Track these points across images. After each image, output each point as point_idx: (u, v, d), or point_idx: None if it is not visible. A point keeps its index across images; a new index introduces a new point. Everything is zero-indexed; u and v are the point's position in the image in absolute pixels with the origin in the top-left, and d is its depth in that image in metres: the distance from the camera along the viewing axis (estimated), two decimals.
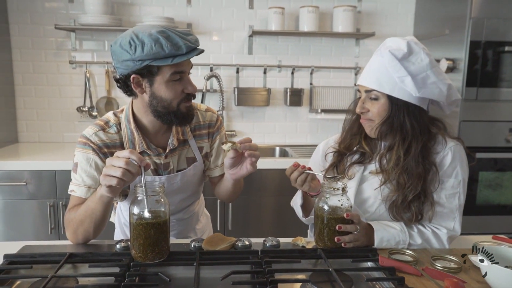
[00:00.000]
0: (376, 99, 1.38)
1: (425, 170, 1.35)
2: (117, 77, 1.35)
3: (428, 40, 3.15)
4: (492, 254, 1.04)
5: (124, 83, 1.35)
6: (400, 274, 1.15)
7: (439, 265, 1.20)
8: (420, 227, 1.38)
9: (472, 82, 2.74)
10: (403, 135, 1.37)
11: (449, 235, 1.37)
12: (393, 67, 1.32)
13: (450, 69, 2.82)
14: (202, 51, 1.33)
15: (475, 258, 1.06)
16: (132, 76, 1.30)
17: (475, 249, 1.05)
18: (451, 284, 1.05)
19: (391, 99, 1.35)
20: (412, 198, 1.34)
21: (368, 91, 1.39)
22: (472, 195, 2.86)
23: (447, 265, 1.21)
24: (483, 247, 1.06)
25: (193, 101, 1.56)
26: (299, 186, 1.36)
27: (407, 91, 1.32)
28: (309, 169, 1.33)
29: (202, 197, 1.80)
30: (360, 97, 1.44)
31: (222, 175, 1.62)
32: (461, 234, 1.43)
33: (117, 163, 1.13)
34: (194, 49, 1.30)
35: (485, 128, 2.82)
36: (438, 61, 2.92)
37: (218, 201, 2.72)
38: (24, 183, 2.58)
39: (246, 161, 1.39)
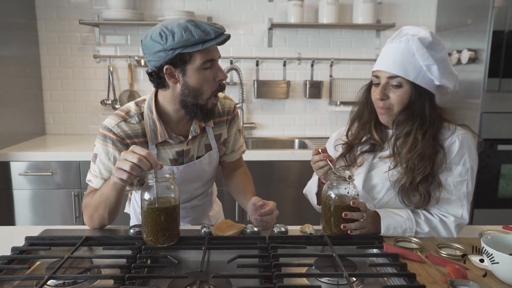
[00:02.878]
0: (399, 86, 1.38)
1: (435, 152, 1.37)
2: (149, 70, 1.38)
3: (450, 31, 3.10)
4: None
5: (157, 76, 1.37)
6: (403, 260, 1.16)
7: (444, 252, 1.21)
8: (428, 215, 1.38)
9: (495, 73, 2.68)
10: (422, 121, 1.38)
11: (457, 223, 1.36)
12: (421, 55, 1.34)
13: (472, 60, 2.78)
14: (229, 36, 1.35)
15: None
16: (165, 67, 1.33)
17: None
18: (453, 270, 1.06)
19: (415, 87, 1.37)
20: (420, 180, 1.35)
21: (391, 77, 1.38)
22: (494, 188, 2.81)
23: (452, 252, 1.21)
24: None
25: None
26: (315, 169, 1.39)
27: (430, 79, 1.36)
28: (331, 161, 1.35)
29: (215, 185, 1.85)
30: (368, 85, 1.46)
31: (238, 160, 1.71)
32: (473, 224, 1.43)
33: (130, 157, 1.18)
34: (222, 34, 1.33)
35: (508, 119, 2.76)
36: (459, 51, 2.87)
37: None
38: (50, 173, 2.69)
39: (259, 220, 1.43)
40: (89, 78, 3.32)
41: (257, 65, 3.34)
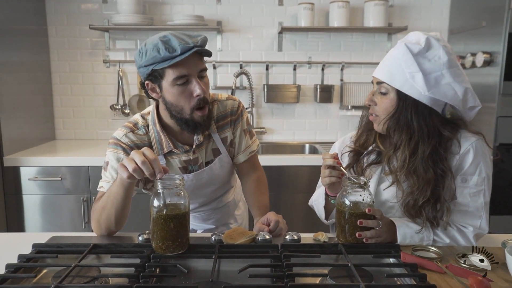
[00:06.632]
0: (385, 93, 1.33)
1: (436, 176, 1.29)
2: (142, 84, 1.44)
3: (464, 33, 3.04)
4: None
5: (145, 89, 1.43)
6: (422, 271, 1.11)
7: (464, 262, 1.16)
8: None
9: (511, 76, 2.62)
10: (410, 134, 1.31)
11: (476, 232, 1.31)
12: (405, 61, 1.26)
13: (487, 63, 2.71)
14: (204, 50, 1.34)
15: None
16: (146, 82, 1.38)
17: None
18: (476, 282, 1.01)
19: (400, 95, 1.30)
20: (423, 203, 1.29)
21: (379, 83, 1.35)
22: (510, 194, 2.74)
23: (473, 262, 1.16)
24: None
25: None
26: (323, 176, 1.32)
27: (417, 88, 1.26)
28: (344, 168, 1.30)
29: (239, 184, 1.83)
30: None
31: (247, 161, 1.66)
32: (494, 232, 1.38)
33: (136, 158, 1.16)
34: (191, 49, 1.29)
35: None
36: (474, 54, 2.82)
37: None
38: (60, 179, 2.68)
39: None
40: (98, 83, 3.31)
41: (267, 69, 3.31)
